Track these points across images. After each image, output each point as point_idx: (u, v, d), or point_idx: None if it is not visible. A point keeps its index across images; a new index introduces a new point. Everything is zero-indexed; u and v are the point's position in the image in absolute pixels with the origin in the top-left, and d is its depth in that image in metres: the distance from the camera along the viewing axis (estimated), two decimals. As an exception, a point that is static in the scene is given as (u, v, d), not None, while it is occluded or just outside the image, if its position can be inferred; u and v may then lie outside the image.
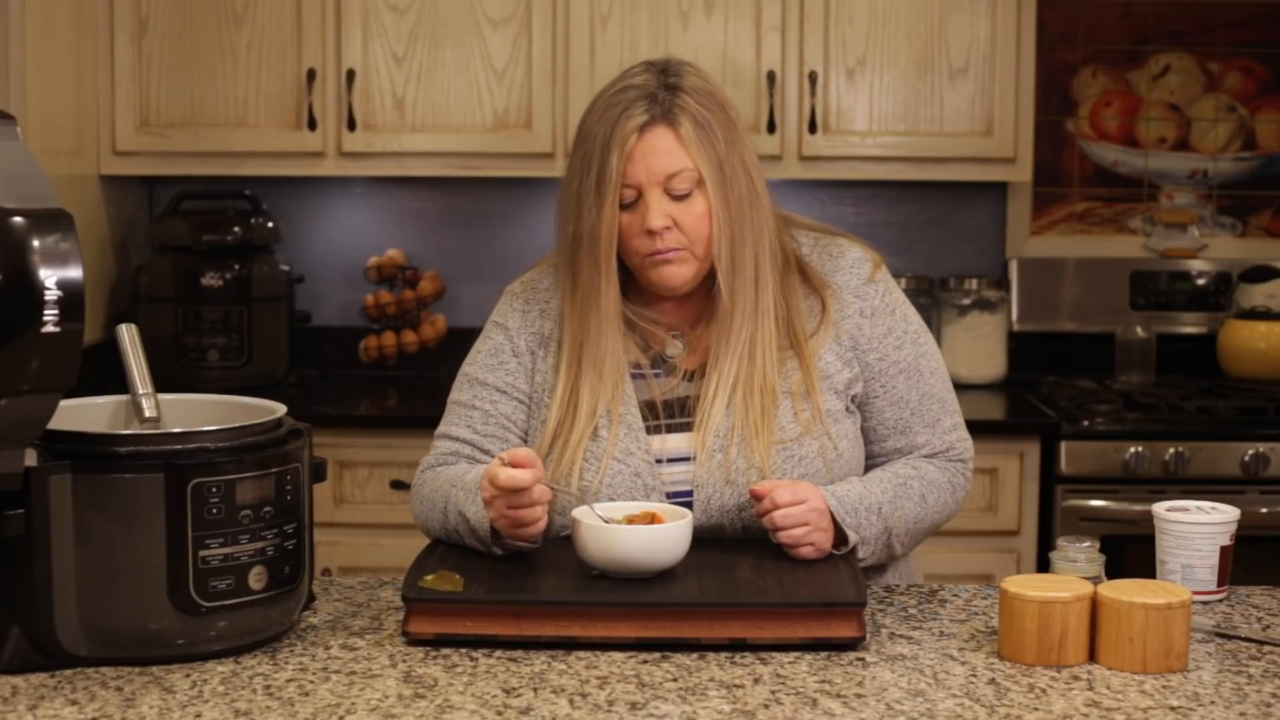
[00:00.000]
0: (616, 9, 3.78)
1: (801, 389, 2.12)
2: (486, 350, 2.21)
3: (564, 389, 2.13)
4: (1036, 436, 3.59)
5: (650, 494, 2.09)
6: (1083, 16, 4.14)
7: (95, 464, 1.73)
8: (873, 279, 2.18)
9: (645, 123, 2.08)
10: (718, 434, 2.10)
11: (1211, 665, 1.79)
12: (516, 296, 2.24)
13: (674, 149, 2.08)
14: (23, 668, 1.73)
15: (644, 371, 2.16)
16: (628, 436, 2.11)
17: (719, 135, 2.10)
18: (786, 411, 2.11)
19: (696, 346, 2.17)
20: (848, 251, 2.20)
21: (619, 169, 2.06)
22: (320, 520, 2.49)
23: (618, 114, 2.08)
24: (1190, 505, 2.06)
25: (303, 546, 1.86)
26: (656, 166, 2.07)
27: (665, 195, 2.08)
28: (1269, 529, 3.52)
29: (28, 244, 1.58)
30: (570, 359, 2.14)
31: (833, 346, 2.15)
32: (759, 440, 2.08)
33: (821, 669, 1.77)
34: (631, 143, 2.07)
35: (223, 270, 3.86)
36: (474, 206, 4.19)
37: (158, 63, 3.80)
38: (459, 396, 2.20)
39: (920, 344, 2.20)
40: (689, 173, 2.08)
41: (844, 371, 2.15)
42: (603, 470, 2.09)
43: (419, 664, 1.78)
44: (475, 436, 2.17)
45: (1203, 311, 4.16)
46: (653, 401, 2.14)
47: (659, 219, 2.07)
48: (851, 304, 2.16)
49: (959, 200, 4.19)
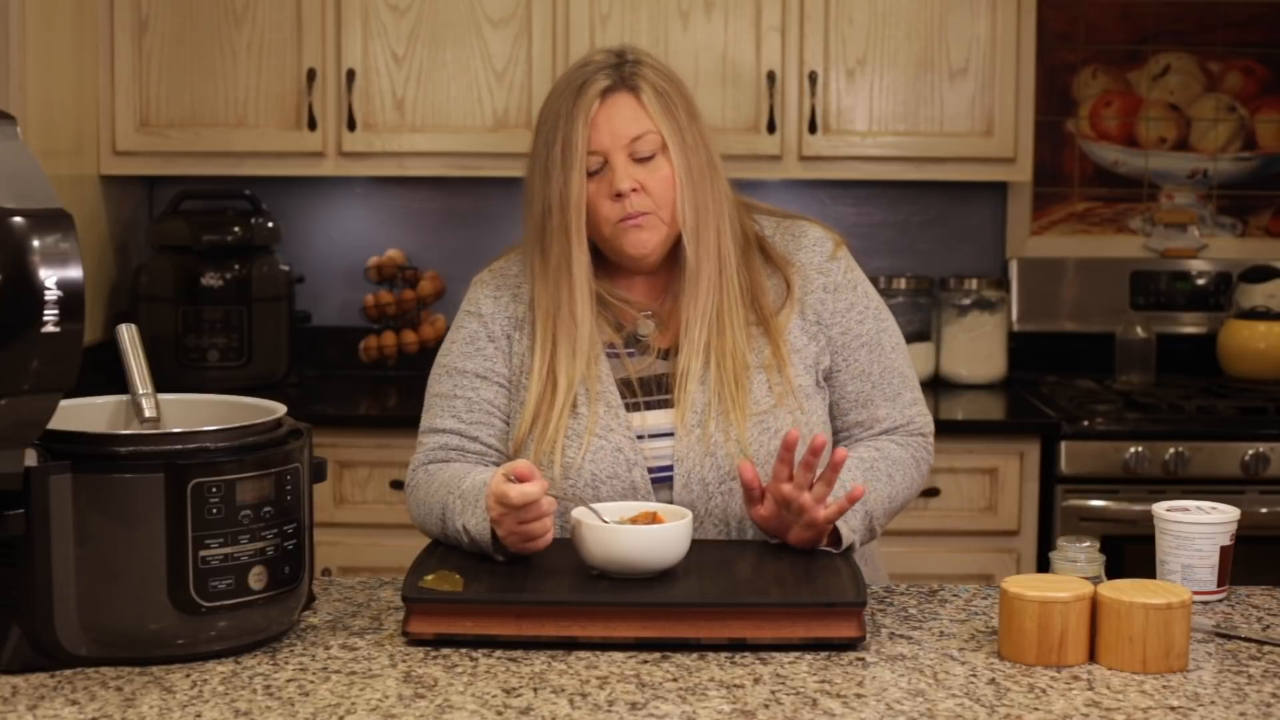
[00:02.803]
0: (616, 9, 3.78)
1: (773, 363, 2.15)
2: (461, 339, 2.22)
3: (540, 366, 2.15)
4: (1036, 436, 3.59)
5: (633, 469, 2.10)
6: (1083, 16, 4.14)
7: (95, 464, 1.73)
8: (834, 256, 2.22)
9: (607, 88, 2.13)
10: (695, 409, 2.12)
11: (1211, 665, 1.79)
12: (486, 284, 2.26)
13: (637, 113, 2.13)
14: (23, 668, 1.73)
15: (618, 351, 2.18)
16: (608, 414, 2.13)
17: (679, 106, 2.15)
18: (760, 385, 2.13)
19: (668, 325, 2.19)
20: (809, 231, 2.24)
21: (584, 136, 2.11)
22: (320, 520, 2.49)
23: (579, 85, 2.13)
24: (1190, 505, 2.06)
25: (303, 546, 1.86)
26: (621, 130, 2.11)
27: (630, 160, 2.12)
28: (1269, 529, 3.52)
29: (28, 244, 1.58)
30: (544, 335, 2.15)
31: (799, 322, 2.18)
32: (736, 413, 2.11)
33: (821, 669, 1.77)
34: (595, 109, 2.12)
35: (223, 270, 3.86)
36: (474, 206, 4.19)
37: (158, 63, 3.80)
38: (439, 389, 2.21)
39: (881, 319, 2.24)
40: (652, 135, 2.12)
41: (811, 345, 2.18)
42: (585, 447, 2.11)
43: (419, 664, 1.78)
44: (461, 425, 2.17)
45: (1203, 311, 4.16)
46: (629, 380, 2.16)
47: (626, 181, 2.11)
48: (815, 279, 2.20)
49: (959, 200, 4.19)
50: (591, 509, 1.96)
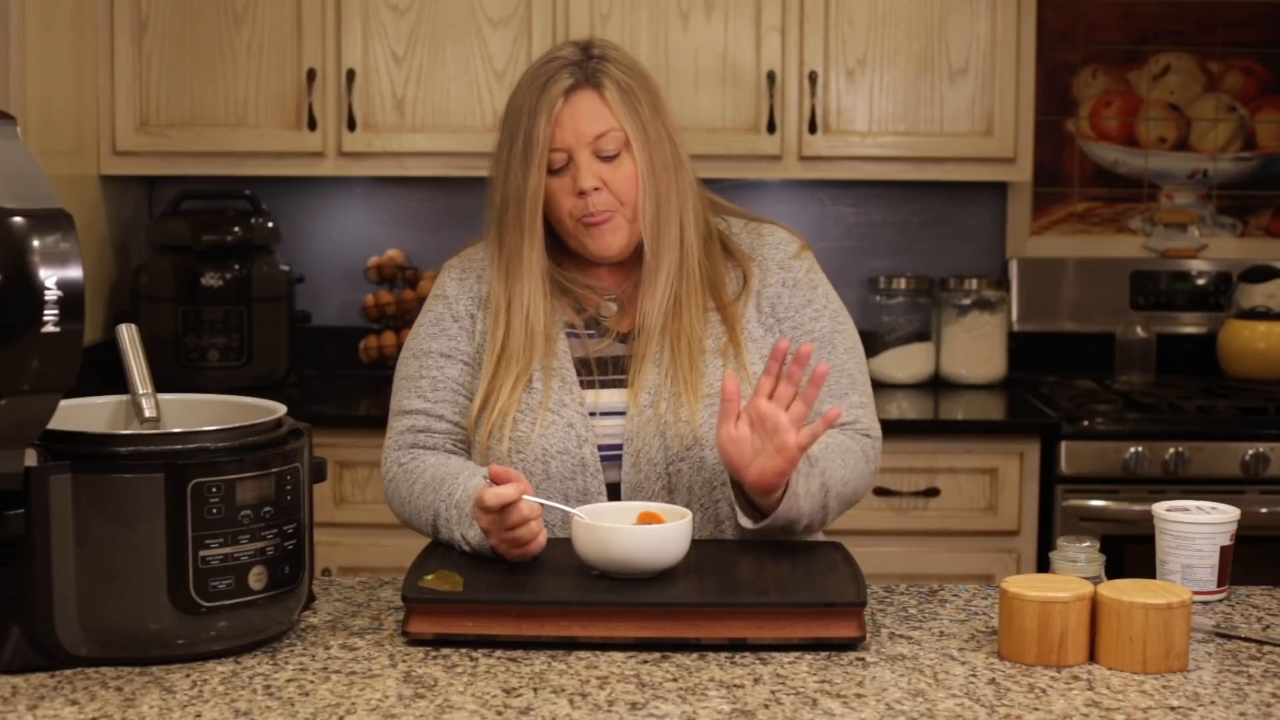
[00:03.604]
0: (616, 9, 3.78)
1: (729, 349, 2.16)
2: (428, 322, 2.25)
3: (495, 345, 2.17)
4: (1036, 436, 3.59)
5: (583, 445, 2.12)
6: (1083, 16, 4.14)
7: (95, 464, 1.73)
8: (798, 255, 2.24)
9: (571, 86, 2.15)
10: (649, 389, 2.13)
11: (1211, 665, 1.79)
12: (453, 268, 2.30)
13: (600, 111, 2.15)
14: (23, 668, 1.73)
15: (578, 331, 2.20)
16: (562, 389, 2.14)
17: (642, 102, 2.16)
18: (715, 369, 2.14)
19: (630, 309, 2.21)
20: (776, 232, 2.26)
21: (546, 134, 2.13)
22: (320, 520, 2.49)
23: (543, 82, 2.16)
24: (1190, 505, 2.06)
25: (303, 546, 1.86)
26: (585, 128, 2.13)
27: (594, 158, 2.14)
28: (1269, 529, 3.52)
29: (28, 244, 1.58)
30: (499, 318, 2.17)
31: (754, 314, 2.19)
32: (689, 395, 2.12)
33: (821, 669, 1.77)
34: (559, 107, 2.14)
35: (223, 270, 3.86)
36: (474, 206, 4.14)
37: (158, 63, 3.80)
38: (405, 371, 2.24)
39: (839, 321, 2.23)
40: (615, 133, 2.14)
41: (767, 337, 2.19)
42: (538, 422, 2.12)
43: (419, 664, 1.78)
44: (427, 404, 2.19)
45: (1203, 311, 4.16)
46: (586, 359, 2.18)
47: (589, 179, 2.13)
48: (774, 274, 2.21)
49: (959, 200, 4.19)
50: (592, 509, 1.96)
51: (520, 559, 1.96)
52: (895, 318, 4.07)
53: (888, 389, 3.98)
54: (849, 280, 4.07)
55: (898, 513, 3.59)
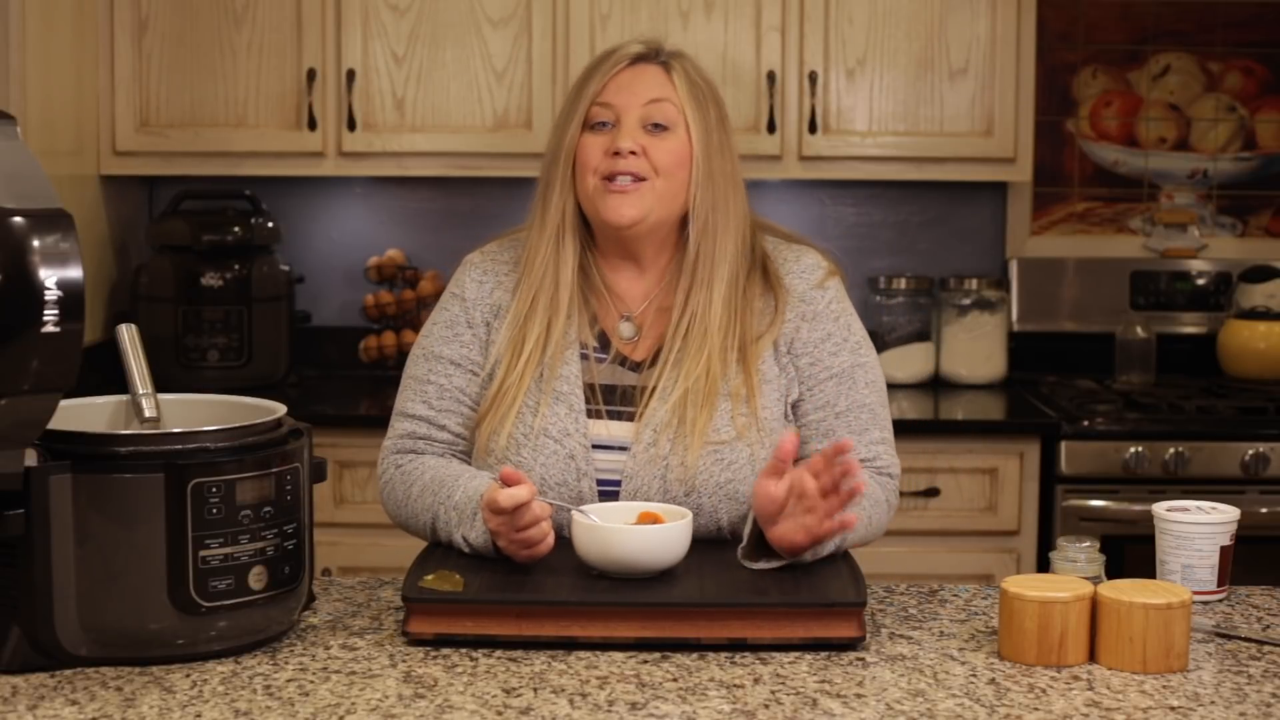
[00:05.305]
0: (616, 9, 3.78)
1: (742, 393, 2.11)
2: (442, 322, 2.21)
3: (514, 324, 2.14)
4: (1036, 436, 3.59)
5: (581, 479, 2.09)
6: (1083, 16, 4.14)
7: (95, 464, 1.73)
8: (822, 285, 2.19)
9: (639, 55, 2.13)
10: (654, 426, 2.09)
11: (1211, 665, 1.79)
12: (475, 267, 2.25)
13: (662, 82, 2.13)
14: (23, 668, 1.73)
15: (588, 353, 2.16)
16: (568, 416, 2.11)
17: (710, 102, 2.14)
18: (724, 414, 2.10)
19: (647, 335, 2.17)
20: (804, 256, 2.21)
21: (595, 89, 2.11)
22: (320, 520, 2.49)
23: (610, 52, 2.15)
24: (1190, 505, 2.06)
25: (303, 546, 1.86)
26: (641, 91, 2.11)
27: (641, 126, 2.10)
28: (1269, 529, 3.52)
29: (28, 244, 1.58)
30: (524, 297, 2.14)
31: (770, 352, 2.14)
32: (693, 439, 2.07)
33: (821, 669, 1.77)
34: (620, 68, 2.12)
35: (223, 270, 3.86)
36: (474, 206, 4.19)
37: (158, 63, 3.80)
38: (414, 371, 2.21)
39: (860, 355, 2.18)
40: (671, 107, 2.11)
41: (781, 377, 2.14)
42: (540, 451, 2.09)
43: (419, 664, 1.78)
44: (430, 412, 2.17)
45: (1203, 311, 4.16)
46: (593, 385, 2.14)
47: (628, 140, 2.09)
48: (794, 307, 2.17)
49: (959, 200, 4.19)
50: (591, 510, 1.96)
51: (529, 560, 1.96)
52: (895, 318, 4.07)
53: (888, 389, 3.97)
54: (849, 280, 4.05)
55: (898, 513, 3.54)
